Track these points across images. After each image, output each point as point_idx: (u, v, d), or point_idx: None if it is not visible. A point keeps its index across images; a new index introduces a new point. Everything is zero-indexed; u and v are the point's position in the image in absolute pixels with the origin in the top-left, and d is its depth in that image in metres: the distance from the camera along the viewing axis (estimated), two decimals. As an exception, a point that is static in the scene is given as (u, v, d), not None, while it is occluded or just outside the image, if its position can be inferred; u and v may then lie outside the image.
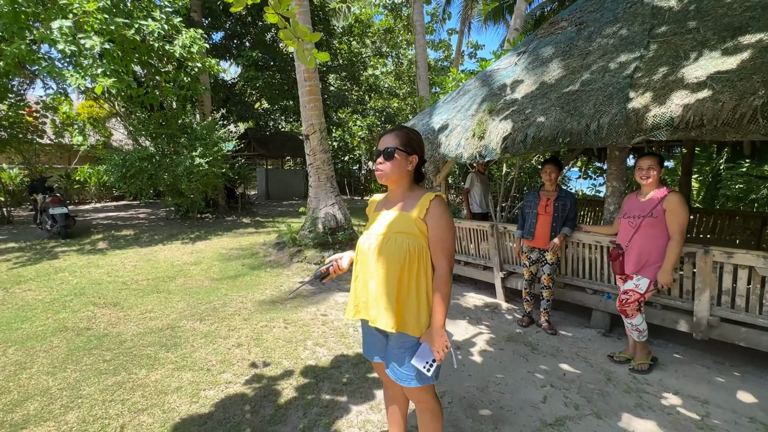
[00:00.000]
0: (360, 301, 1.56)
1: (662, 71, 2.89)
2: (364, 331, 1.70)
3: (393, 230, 1.50)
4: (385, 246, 1.48)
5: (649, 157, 2.69)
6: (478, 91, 4.43)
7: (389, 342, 1.58)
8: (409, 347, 1.50)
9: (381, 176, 1.55)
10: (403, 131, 1.57)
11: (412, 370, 1.50)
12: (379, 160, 1.54)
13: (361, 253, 1.56)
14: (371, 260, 1.50)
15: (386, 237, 1.50)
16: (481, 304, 4.22)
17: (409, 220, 1.49)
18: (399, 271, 1.45)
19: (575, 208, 3.49)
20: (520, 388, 2.62)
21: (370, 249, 1.51)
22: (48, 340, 3.16)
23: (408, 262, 1.45)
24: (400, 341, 1.51)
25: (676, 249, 2.56)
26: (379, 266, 1.48)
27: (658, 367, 2.86)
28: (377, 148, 1.57)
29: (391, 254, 1.45)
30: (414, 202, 1.53)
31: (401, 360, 1.52)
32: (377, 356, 1.67)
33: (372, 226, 1.60)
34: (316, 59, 1.91)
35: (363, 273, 1.55)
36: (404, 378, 1.52)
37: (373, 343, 1.67)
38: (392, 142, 1.52)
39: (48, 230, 7.43)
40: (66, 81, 5.96)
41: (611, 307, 3.44)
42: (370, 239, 1.55)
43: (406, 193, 1.58)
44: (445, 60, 19.66)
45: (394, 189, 1.60)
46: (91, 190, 15.26)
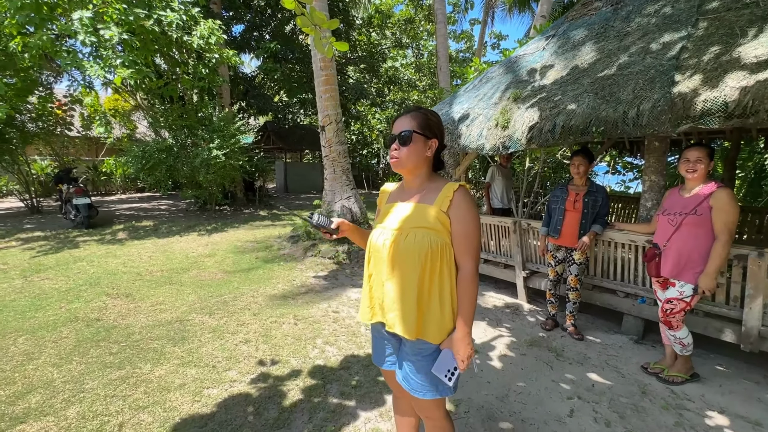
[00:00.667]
0: (375, 302, 1.40)
1: (714, 51, 2.57)
2: (375, 335, 1.53)
3: (411, 225, 1.32)
4: (403, 243, 1.30)
5: (697, 147, 2.39)
6: (502, 78, 4.16)
7: (404, 348, 1.40)
8: (427, 355, 1.34)
9: (396, 164, 1.37)
10: (420, 112, 1.38)
11: (429, 380, 1.34)
12: (394, 146, 1.36)
13: (375, 251, 1.38)
14: (387, 258, 1.33)
15: (403, 232, 1.32)
16: (502, 305, 3.99)
17: (429, 213, 1.31)
18: (420, 270, 1.28)
19: (608, 205, 3.20)
20: (544, 399, 2.40)
21: (385, 246, 1.34)
22: (58, 330, 3.14)
23: (430, 261, 1.28)
24: (417, 348, 1.35)
25: (722, 251, 2.26)
26: (397, 265, 1.31)
27: (700, 381, 2.58)
28: (392, 133, 1.38)
29: (409, 252, 1.28)
30: (434, 193, 1.35)
31: (417, 368, 1.35)
32: (388, 363, 1.50)
33: (386, 219, 1.41)
34: (334, 48, 1.77)
35: (378, 272, 1.38)
36: (418, 388, 1.35)
37: (384, 349, 1.50)
38: (409, 125, 1.34)
39: (72, 220, 7.60)
40: (86, 72, 6.01)
41: (645, 312, 3.15)
42: (384, 235, 1.36)
43: (424, 183, 1.41)
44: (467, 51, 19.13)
45: (411, 178, 1.42)
46: (117, 182, 15.68)
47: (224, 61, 8.09)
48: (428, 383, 1.34)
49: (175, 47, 7.61)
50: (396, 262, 1.32)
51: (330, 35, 2.07)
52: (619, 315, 3.39)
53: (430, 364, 1.34)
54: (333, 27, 1.65)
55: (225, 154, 8.20)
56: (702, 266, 2.32)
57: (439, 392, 1.35)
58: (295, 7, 1.51)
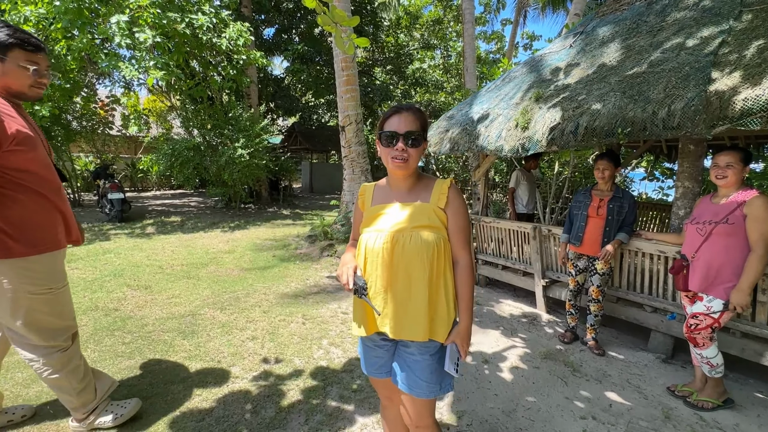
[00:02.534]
0: (375, 313, 1.34)
1: (757, 45, 2.33)
2: (368, 345, 1.45)
3: (412, 225, 1.29)
4: (408, 244, 1.26)
5: (728, 152, 2.17)
6: (525, 77, 3.99)
7: (406, 350, 1.36)
8: (435, 353, 1.34)
9: (404, 166, 1.30)
10: (420, 111, 1.33)
11: (435, 377, 1.34)
12: (401, 146, 1.27)
13: (373, 256, 1.31)
14: (389, 263, 1.28)
15: (405, 233, 1.27)
16: (519, 314, 3.81)
17: (429, 211, 1.30)
18: (429, 270, 1.26)
19: (635, 212, 2.98)
20: (555, 416, 2.24)
21: (386, 249, 1.28)
22: (78, 318, 3.26)
23: (436, 259, 1.27)
24: (425, 347, 1.33)
25: (757, 264, 2.03)
26: (403, 268, 1.27)
27: (735, 408, 2.34)
28: (392, 130, 1.28)
29: (416, 253, 1.25)
30: (427, 191, 1.35)
31: (423, 367, 1.33)
32: (383, 371, 1.44)
33: (378, 221, 1.34)
34: (355, 45, 1.77)
35: (380, 280, 1.31)
36: (424, 388, 1.33)
37: (379, 357, 1.43)
38: (415, 125, 1.29)
39: (106, 214, 8.02)
40: (122, 73, 6.32)
41: (675, 329, 2.91)
42: (380, 238, 1.30)
43: (415, 182, 1.38)
44: (497, 52, 18.74)
45: (405, 179, 1.37)
46: (153, 179, 16.45)
47: (251, 63, 8.29)
48: (434, 381, 1.33)
49: (205, 49, 7.87)
50: (402, 265, 1.27)
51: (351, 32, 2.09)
52: (647, 331, 3.15)
53: (437, 361, 1.34)
54: (353, 24, 1.64)
55: (249, 153, 8.40)
56: (734, 281, 2.10)
57: (442, 389, 1.36)
58: (316, 6, 1.53)
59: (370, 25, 13.95)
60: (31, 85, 1.70)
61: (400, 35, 16.48)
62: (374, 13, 14.12)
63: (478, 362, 2.84)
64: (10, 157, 1.57)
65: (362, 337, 1.45)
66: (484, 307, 3.93)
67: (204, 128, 9.14)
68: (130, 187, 15.91)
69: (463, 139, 3.84)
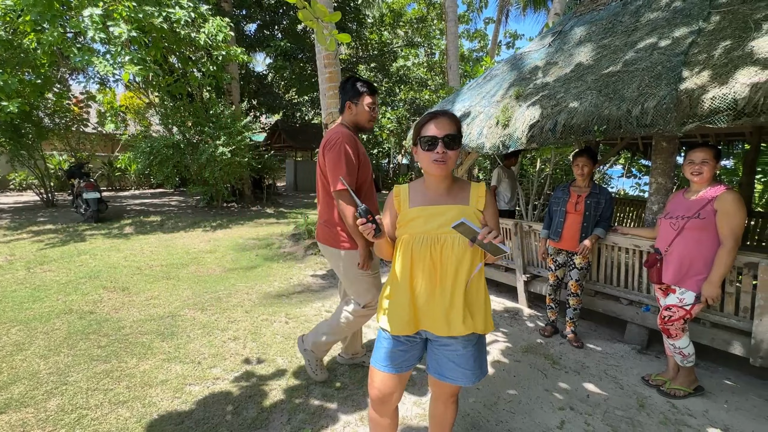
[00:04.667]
0: (420, 312, 1.40)
1: (725, 45, 2.42)
2: (400, 342, 1.46)
3: None
4: (457, 245, 1.33)
5: (702, 149, 2.25)
6: (506, 75, 4.04)
7: (443, 349, 1.44)
8: (476, 342, 1.46)
9: (443, 168, 1.35)
10: (454, 116, 1.39)
11: (479, 364, 1.45)
12: (441, 149, 1.32)
13: (420, 258, 1.36)
14: (438, 263, 1.35)
15: (453, 235, 1.33)
16: (501, 309, 3.87)
17: (470, 213, 1.39)
18: (472, 270, 1.36)
19: (611, 207, 3.06)
20: (535, 408, 2.29)
21: (434, 251, 1.35)
22: (51, 322, 3.17)
23: (477, 259, 1.38)
24: (467, 341, 1.43)
25: (727, 258, 2.12)
26: (453, 269, 1.35)
27: (704, 395, 2.43)
28: (432, 135, 1.32)
29: (463, 254, 1.34)
30: (464, 193, 1.44)
31: (468, 359, 1.43)
32: (406, 367, 1.49)
33: (422, 223, 1.38)
34: (337, 40, 1.75)
35: (426, 280, 1.37)
36: (470, 377, 1.43)
37: (407, 352, 1.47)
38: (452, 129, 1.34)
39: (82, 214, 7.75)
40: (95, 68, 6.11)
41: (649, 321, 3.00)
42: (426, 240, 1.36)
43: (450, 184, 1.45)
44: (480, 50, 18.91)
45: (441, 181, 1.42)
46: (131, 178, 16.00)
47: (232, 59, 8.13)
48: (477, 367, 1.44)
49: (183, 45, 7.68)
50: (452, 264, 1.34)
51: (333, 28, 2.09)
52: (623, 323, 3.24)
53: (478, 350, 1.45)
54: (335, 20, 1.62)
55: (231, 151, 8.24)
56: (705, 273, 2.18)
57: (483, 372, 1.47)
58: (297, 1, 1.52)
59: (353, 22, 13.84)
60: (369, 120, 2.22)
61: (383, 33, 16.44)
62: (357, 9, 14.03)
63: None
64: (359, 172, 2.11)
65: (394, 337, 1.46)
66: (467, 303, 3.97)
67: (184, 126, 8.92)
68: (107, 187, 15.44)
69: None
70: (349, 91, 2.17)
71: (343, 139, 2.05)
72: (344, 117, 2.23)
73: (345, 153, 2.02)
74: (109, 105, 11.77)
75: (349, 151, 2.04)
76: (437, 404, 1.59)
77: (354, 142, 2.10)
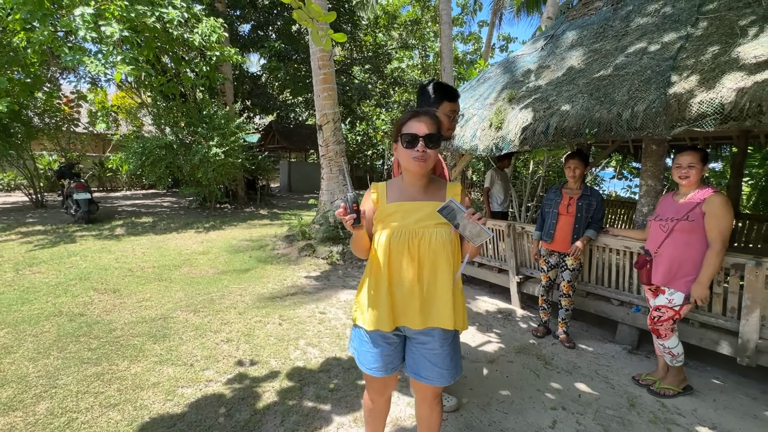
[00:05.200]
0: (398, 307, 1.40)
1: (712, 51, 2.47)
2: (379, 343, 1.47)
3: (434, 221, 1.38)
4: (434, 239, 1.36)
5: (690, 152, 2.29)
6: (499, 78, 4.08)
7: (421, 347, 1.46)
8: (452, 340, 1.48)
9: (423, 165, 1.37)
10: (435, 116, 1.41)
11: (454, 363, 1.47)
12: (421, 146, 1.34)
13: (397, 252, 1.38)
14: (417, 258, 1.37)
15: (430, 229, 1.36)
16: (494, 310, 3.90)
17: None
18: (452, 264, 1.38)
19: (602, 209, 3.10)
20: (527, 408, 2.31)
21: (413, 244, 1.37)
22: (40, 325, 3.12)
23: (453, 255, 1.39)
24: (445, 339, 1.44)
25: (715, 259, 2.16)
26: (429, 263, 1.37)
27: (693, 394, 2.47)
28: (413, 132, 1.35)
29: (442, 247, 1.36)
30: (440, 191, 1.47)
31: (444, 358, 1.45)
32: (390, 369, 1.50)
33: (399, 218, 1.40)
34: (333, 40, 1.76)
35: (402, 274, 1.38)
36: (446, 376, 1.45)
37: (388, 355, 1.49)
38: (433, 128, 1.37)
39: (72, 215, 7.65)
40: (86, 68, 6.04)
41: (640, 321, 3.04)
42: (404, 235, 1.37)
43: (428, 182, 1.48)
44: (474, 53, 19.03)
45: (420, 178, 1.44)
46: (123, 178, 15.82)
47: (226, 59, 8.09)
48: (453, 366, 1.46)
49: (176, 45, 7.63)
50: (429, 258, 1.36)
51: (328, 28, 2.09)
52: (614, 323, 3.28)
53: (453, 348, 1.47)
54: (330, 20, 1.64)
55: (224, 152, 8.19)
56: (694, 274, 2.22)
57: (457, 372, 1.48)
58: (292, 1, 1.53)
59: (348, 24, 13.86)
60: (447, 129, 2.00)
61: (378, 34, 16.48)
62: (352, 11, 14.05)
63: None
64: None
65: (372, 335, 1.47)
66: (460, 304, 3.99)
67: (177, 126, 8.85)
68: (98, 187, 15.26)
69: (439, 139, 3.88)
70: (428, 97, 2.01)
71: None
72: None
73: None
74: (100, 105, 11.63)
75: None
76: (422, 407, 1.60)
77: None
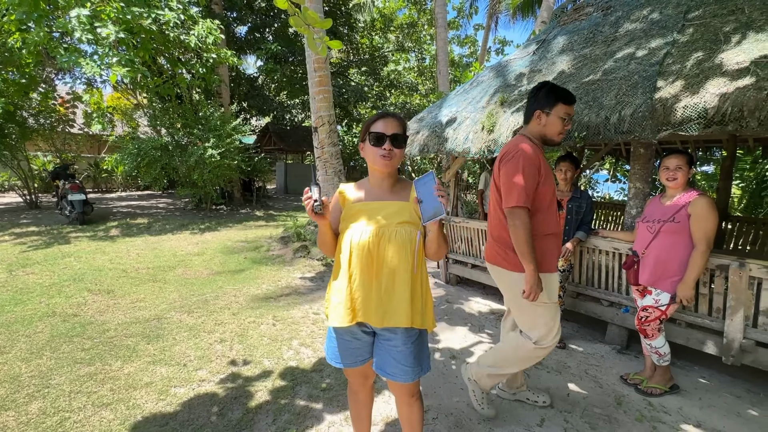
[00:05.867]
0: (357, 303, 1.42)
1: (697, 57, 2.53)
2: (344, 338, 1.52)
3: (396, 221, 1.41)
4: (393, 238, 1.38)
5: (676, 155, 2.35)
6: (492, 82, 4.13)
7: (385, 344, 1.48)
8: (416, 339, 1.49)
9: (389, 164, 1.43)
10: (402, 118, 1.48)
11: (417, 361, 1.48)
12: (388, 146, 1.40)
13: (359, 249, 1.40)
14: (376, 255, 1.39)
15: (390, 228, 1.40)
16: (486, 311, 3.93)
17: (410, 209, 1.45)
18: (411, 262, 1.39)
19: (592, 211, 3.16)
20: (517, 407, 2.34)
21: (372, 243, 1.39)
22: (33, 325, 3.13)
23: (413, 254, 1.40)
24: (407, 336, 1.45)
25: (699, 260, 2.21)
26: (388, 261, 1.39)
27: (680, 393, 2.52)
28: (380, 131, 1.41)
29: (401, 246, 1.38)
30: (405, 191, 1.50)
31: (407, 356, 1.46)
32: (360, 361, 1.54)
33: (362, 217, 1.44)
34: (328, 47, 1.78)
35: (362, 271, 1.41)
36: (409, 373, 1.47)
37: (357, 349, 1.53)
38: (399, 129, 1.43)
39: (67, 216, 7.63)
40: (82, 69, 6.05)
41: (629, 322, 3.09)
42: (366, 233, 1.40)
43: (394, 182, 1.52)
44: (470, 56, 19.15)
45: (385, 178, 1.49)
46: (118, 179, 15.76)
47: (222, 61, 8.12)
48: (417, 364, 1.48)
49: (173, 46, 7.65)
50: (387, 257, 1.38)
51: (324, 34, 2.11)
52: (603, 324, 3.33)
53: (417, 347, 1.48)
54: (326, 26, 1.66)
55: (220, 153, 8.21)
56: (679, 275, 2.27)
57: (423, 370, 1.50)
58: (288, 7, 1.54)
59: (344, 26, 13.93)
60: (559, 133, 1.96)
61: (374, 37, 16.56)
62: (349, 14, 14.13)
63: (446, 358, 2.92)
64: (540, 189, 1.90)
65: (338, 331, 1.52)
66: (453, 305, 4.03)
67: (172, 127, 8.86)
68: (93, 188, 15.20)
69: (433, 141, 3.93)
70: (542, 99, 1.94)
71: (522, 152, 1.87)
72: (530, 127, 2.01)
73: (524, 168, 1.83)
74: (96, 105, 11.62)
75: (529, 166, 1.84)
76: (400, 405, 1.63)
77: (536, 156, 1.88)
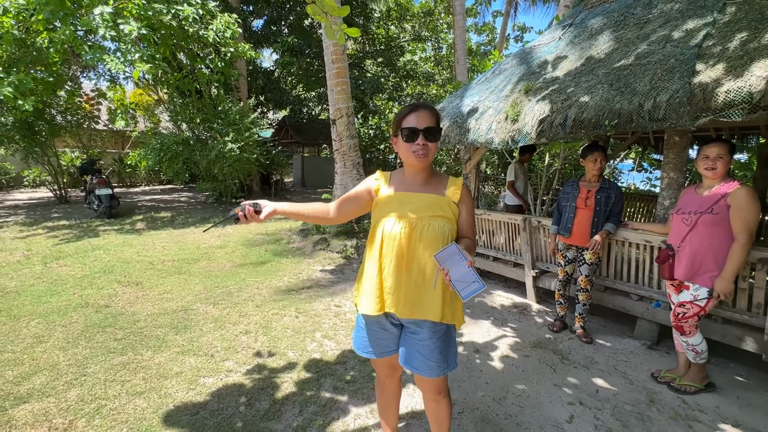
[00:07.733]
0: (387, 293, 1.42)
1: (740, 37, 2.38)
2: (373, 327, 1.53)
3: (430, 214, 1.40)
4: (426, 231, 1.37)
5: (717, 143, 2.22)
6: (515, 69, 4.01)
7: (415, 335, 1.46)
8: (443, 334, 1.47)
9: (424, 159, 1.40)
10: (434, 109, 1.45)
11: (444, 357, 1.46)
12: (421, 140, 1.37)
13: (390, 239, 1.40)
14: (408, 247, 1.38)
15: (424, 221, 1.39)
16: (509, 304, 3.87)
17: (444, 203, 1.44)
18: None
19: (621, 202, 3.04)
20: (544, 402, 2.30)
21: (404, 234, 1.38)
22: (69, 315, 3.25)
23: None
24: (433, 331, 1.44)
25: (740, 253, 2.10)
26: (419, 253, 1.37)
27: (716, 391, 2.42)
28: (412, 126, 1.37)
29: (432, 240, 1.37)
30: (441, 186, 1.49)
31: (433, 351, 1.44)
32: (387, 351, 1.54)
33: (396, 208, 1.42)
34: (346, 35, 1.76)
35: (393, 261, 1.40)
36: (435, 368, 1.45)
37: (384, 339, 1.53)
38: (433, 121, 1.40)
39: (95, 210, 7.89)
40: (107, 66, 6.19)
41: (660, 317, 2.99)
42: (399, 223, 1.39)
43: (429, 176, 1.51)
44: (489, 44, 18.69)
45: (420, 171, 1.48)
46: (141, 174, 16.19)
47: (240, 55, 8.17)
48: (443, 360, 1.46)
49: (192, 41, 7.73)
50: (419, 250, 1.37)
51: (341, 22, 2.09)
52: (633, 318, 3.23)
53: (444, 342, 1.46)
54: (343, 14, 1.65)
55: (240, 147, 8.31)
56: (718, 269, 2.16)
57: (449, 367, 1.48)
58: None
59: (360, 17, 13.79)
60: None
61: (390, 27, 16.34)
62: (364, 4, 13.96)
63: (469, 352, 2.89)
64: None
65: (367, 321, 1.52)
66: (475, 298, 3.98)
67: (193, 122, 9.01)
68: (118, 183, 15.65)
69: (454, 132, 3.86)
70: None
71: None
72: None
73: None
74: (119, 102, 11.92)
75: None
76: (428, 402, 1.61)
77: None
